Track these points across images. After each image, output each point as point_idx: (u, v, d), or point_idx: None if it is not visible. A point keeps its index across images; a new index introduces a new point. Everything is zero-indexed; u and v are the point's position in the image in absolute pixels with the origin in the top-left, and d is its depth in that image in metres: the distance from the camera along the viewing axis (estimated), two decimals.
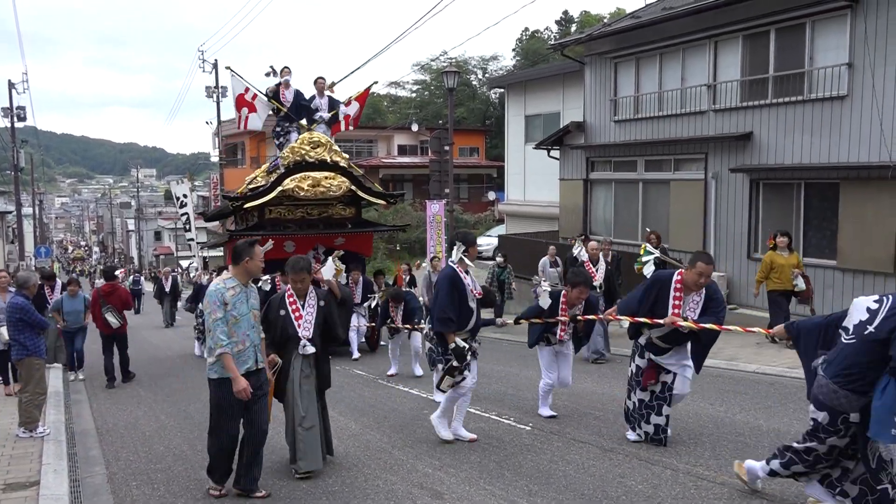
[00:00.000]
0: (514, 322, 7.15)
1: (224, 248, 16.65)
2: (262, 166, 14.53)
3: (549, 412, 6.89)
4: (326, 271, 6.70)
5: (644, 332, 5.77)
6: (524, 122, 23.03)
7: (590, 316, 6.76)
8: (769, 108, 12.44)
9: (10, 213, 33.64)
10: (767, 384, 7.95)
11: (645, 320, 5.61)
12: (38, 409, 7.34)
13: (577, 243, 10.76)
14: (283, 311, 5.51)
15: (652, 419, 5.76)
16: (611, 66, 16.11)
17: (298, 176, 12.19)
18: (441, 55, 43.45)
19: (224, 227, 25.68)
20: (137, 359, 11.82)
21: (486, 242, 24.41)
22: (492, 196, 32.72)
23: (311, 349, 5.50)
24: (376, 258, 25.36)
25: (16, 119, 29.41)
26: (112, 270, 13.17)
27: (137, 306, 23.74)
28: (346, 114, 13.77)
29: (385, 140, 40.10)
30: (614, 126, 16.06)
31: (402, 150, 40.05)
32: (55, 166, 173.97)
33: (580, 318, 6.67)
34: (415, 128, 36.11)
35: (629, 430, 5.99)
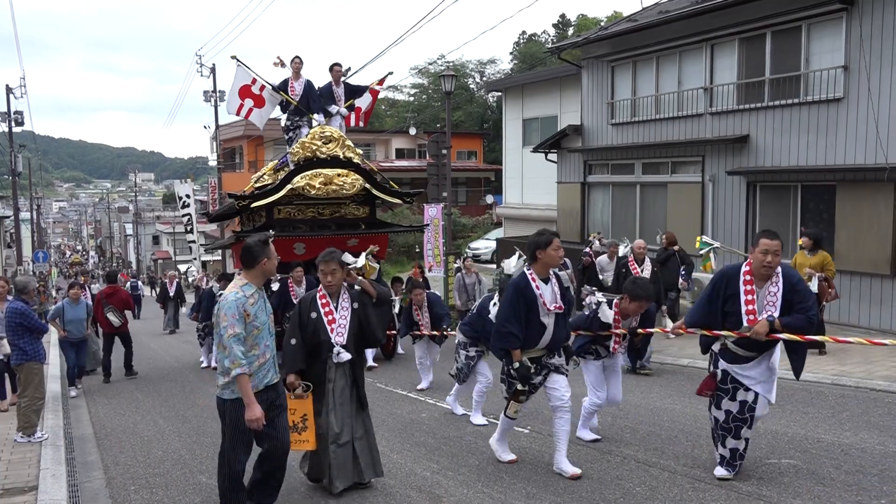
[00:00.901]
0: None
1: (229, 250, 15.90)
2: (270, 163, 13.60)
3: (591, 435, 6.09)
4: (355, 259, 5.93)
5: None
6: (522, 126, 23.07)
7: (652, 329, 6.01)
8: (765, 111, 12.50)
9: (7, 217, 33.60)
10: None
11: (723, 332, 4.79)
12: (37, 414, 7.33)
13: (624, 241, 10.38)
14: (314, 314, 5.02)
15: (728, 442, 4.87)
16: (608, 70, 16.16)
17: (309, 173, 11.27)
18: (439, 59, 43.55)
19: (222, 231, 25.62)
20: (136, 363, 11.87)
21: (484, 246, 24.59)
22: (490, 199, 32.68)
23: (345, 356, 4.99)
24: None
25: (13, 124, 29.38)
26: (115, 275, 13.55)
27: (136, 312, 23.61)
28: (357, 106, 12.70)
29: (383, 144, 40.10)
30: (611, 129, 16.10)
31: (400, 154, 40.04)
32: (53, 171, 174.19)
33: (640, 331, 5.92)
34: (412, 131, 36.15)
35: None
